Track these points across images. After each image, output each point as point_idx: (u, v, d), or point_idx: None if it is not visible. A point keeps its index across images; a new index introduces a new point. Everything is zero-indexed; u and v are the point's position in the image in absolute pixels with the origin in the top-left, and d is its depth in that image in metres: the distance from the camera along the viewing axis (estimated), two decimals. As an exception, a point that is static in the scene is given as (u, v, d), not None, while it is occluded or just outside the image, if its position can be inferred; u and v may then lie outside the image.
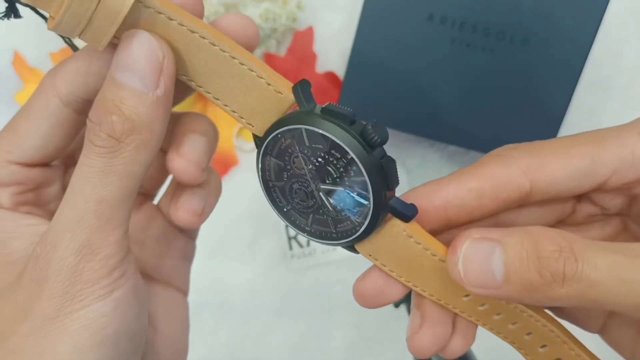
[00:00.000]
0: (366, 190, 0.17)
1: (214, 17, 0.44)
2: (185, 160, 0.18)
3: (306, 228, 0.20)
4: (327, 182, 0.18)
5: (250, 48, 0.18)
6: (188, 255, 0.23)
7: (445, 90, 0.43)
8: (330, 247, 0.53)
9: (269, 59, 0.49)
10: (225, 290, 0.54)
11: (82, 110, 0.19)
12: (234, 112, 0.18)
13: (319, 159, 0.18)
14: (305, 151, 0.18)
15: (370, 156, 0.17)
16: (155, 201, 0.24)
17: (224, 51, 0.17)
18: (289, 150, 0.18)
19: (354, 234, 0.18)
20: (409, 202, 0.19)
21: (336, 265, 0.53)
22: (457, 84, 0.42)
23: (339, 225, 0.19)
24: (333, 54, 0.49)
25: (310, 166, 0.18)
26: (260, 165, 0.19)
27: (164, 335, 0.21)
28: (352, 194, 0.18)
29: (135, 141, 0.16)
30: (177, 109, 0.50)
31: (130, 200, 0.17)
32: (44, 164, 0.19)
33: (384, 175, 0.17)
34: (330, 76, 0.49)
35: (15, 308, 0.16)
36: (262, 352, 0.55)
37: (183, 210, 0.19)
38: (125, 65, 0.16)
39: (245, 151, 0.51)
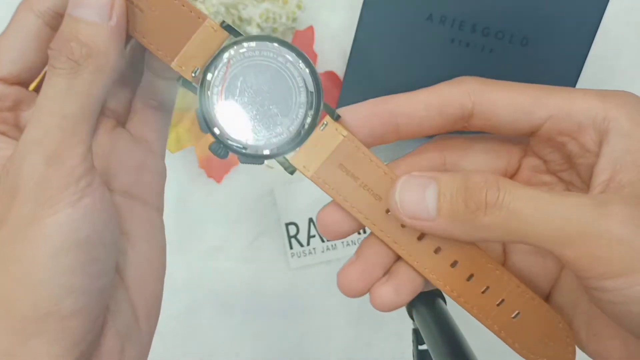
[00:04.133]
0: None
1: (214, 17, 0.44)
2: None
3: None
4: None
5: None
6: (160, 172, 0.25)
7: (445, 90, 0.43)
8: (330, 246, 0.53)
9: (269, 58, 0.49)
10: (225, 289, 0.54)
11: (54, 24, 0.20)
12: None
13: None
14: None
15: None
16: None
17: None
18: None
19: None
20: (363, 108, 0.21)
21: (336, 264, 0.54)
22: (456, 83, 0.43)
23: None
24: (333, 53, 0.49)
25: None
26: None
27: (141, 251, 0.22)
28: None
29: (92, 65, 0.18)
30: (180, 105, 0.50)
31: (92, 119, 0.18)
32: (22, 83, 0.21)
33: None
34: (331, 76, 0.49)
35: None
36: (262, 350, 0.55)
37: None
38: (80, 2, 0.18)
39: (245, 151, 0.51)
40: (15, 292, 0.17)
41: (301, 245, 0.53)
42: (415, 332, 0.44)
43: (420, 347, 0.43)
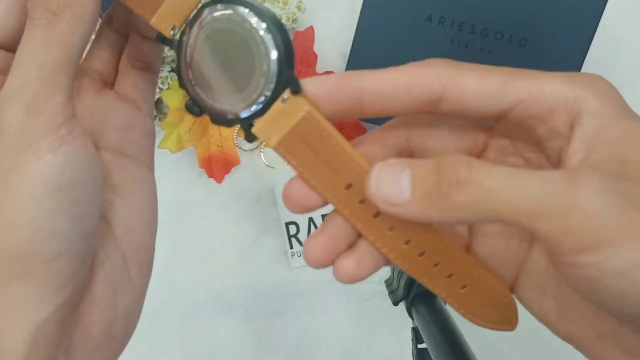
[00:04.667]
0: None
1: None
2: None
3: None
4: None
5: None
6: (148, 130, 0.25)
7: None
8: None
9: (269, 59, 0.49)
10: (226, 288, 0.54)
11: None
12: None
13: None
14: None
15: None
16: None
17: None
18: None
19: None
20: (329, 81, 0.20)
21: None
22: (456, 83, 0.43)
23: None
24: (333, 54, 0.50)
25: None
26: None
27: (130, 203, 0.23)
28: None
29: (69, 14, 0.18)
30: (180, 106, 0.50)
31: (70, 68, 0.18)
32: (7, 49, 0.21)
33: None
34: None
35: None
36: (262, 349, 0.55)
37: None
38: None
39: (245, 150, 0.52)
40: (0, 236, 0.17)
41: (301, 244, 0.53)
42: (415, 330, 0.44)
43: (420, 346, 0.43)
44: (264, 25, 0.20)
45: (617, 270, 0.15)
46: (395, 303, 0.48)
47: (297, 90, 0.20)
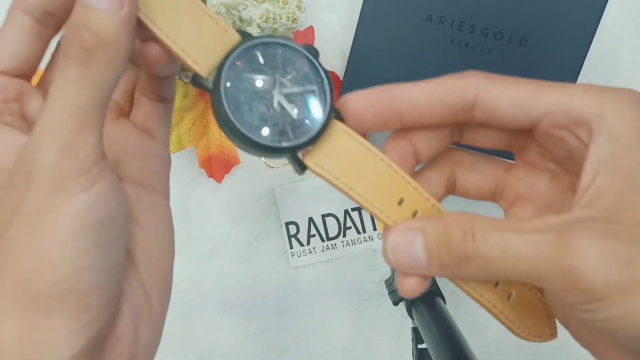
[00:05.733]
0: (323, 92, 0.22)
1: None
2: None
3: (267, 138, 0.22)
4: (288, 87, 0.22)
5: None
6: (165, 159, 0.26)
7: (444, 90, 0.43)
8: (330, 245, 0.53)
9: (269, 58, 0.49)
10: (226, 288, 0.54)
11: (43, 21, 0.21)
12: (183, 49, 0.21)
13: (279, 71, 0.21)
14: (262, 68, 0.21)
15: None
16: None
17: None
18: (246, 72, 0.21)
19: (310, 134, 0.21)
20: (369, 94, 0.22)
21: (336, 263, 0.54)
22: (456, 83, 0.43)
23: (296, 131, 0.21)
24: (333, 54, 0.50)
25: (270, 77, 0.21)
26: (223, 94, 0.21)
27: (149, 235, 0.23)
28: (309, 96, 0.22)
29: (104, 55, 0.18)
30: (180, 106, 0.50)
31: (103, 108, 0.19)
32: (23, 75, 0.22)
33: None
34: (330, 76, 0.49)
35: (9, 205, 0.18)
36: (262, 349, 0.55)
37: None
38: None
39: (245, 150, 0.52)
40: (36, 273, 0.18)
41: (301, 244, 0.53)
42: (415, 330, 0.44)
43: (420, 346, 0.43)
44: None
45: (604, 318, 0.18)
46: (395, 303, 0.48)
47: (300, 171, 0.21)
